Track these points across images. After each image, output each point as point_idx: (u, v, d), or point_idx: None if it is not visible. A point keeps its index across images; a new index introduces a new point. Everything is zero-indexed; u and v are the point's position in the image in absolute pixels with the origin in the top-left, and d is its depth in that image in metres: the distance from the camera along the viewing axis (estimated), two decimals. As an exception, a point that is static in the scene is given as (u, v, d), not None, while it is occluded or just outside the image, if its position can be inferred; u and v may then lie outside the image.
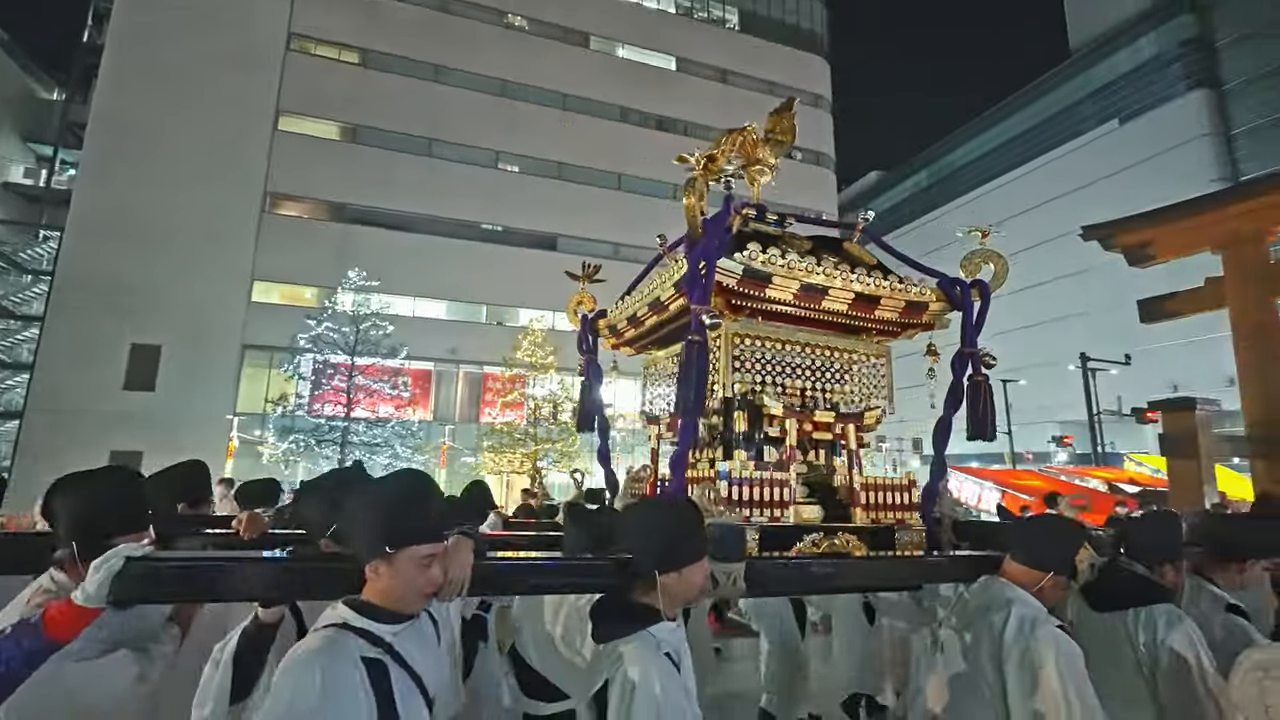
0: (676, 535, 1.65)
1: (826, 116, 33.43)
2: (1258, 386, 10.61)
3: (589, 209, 27.19)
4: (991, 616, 1.90)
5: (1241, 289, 10.80)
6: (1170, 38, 40.40)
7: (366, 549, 1.35)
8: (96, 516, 1.50)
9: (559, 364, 21.26)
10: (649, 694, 1.42)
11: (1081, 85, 45.48)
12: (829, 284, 2.51)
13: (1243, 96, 37.54)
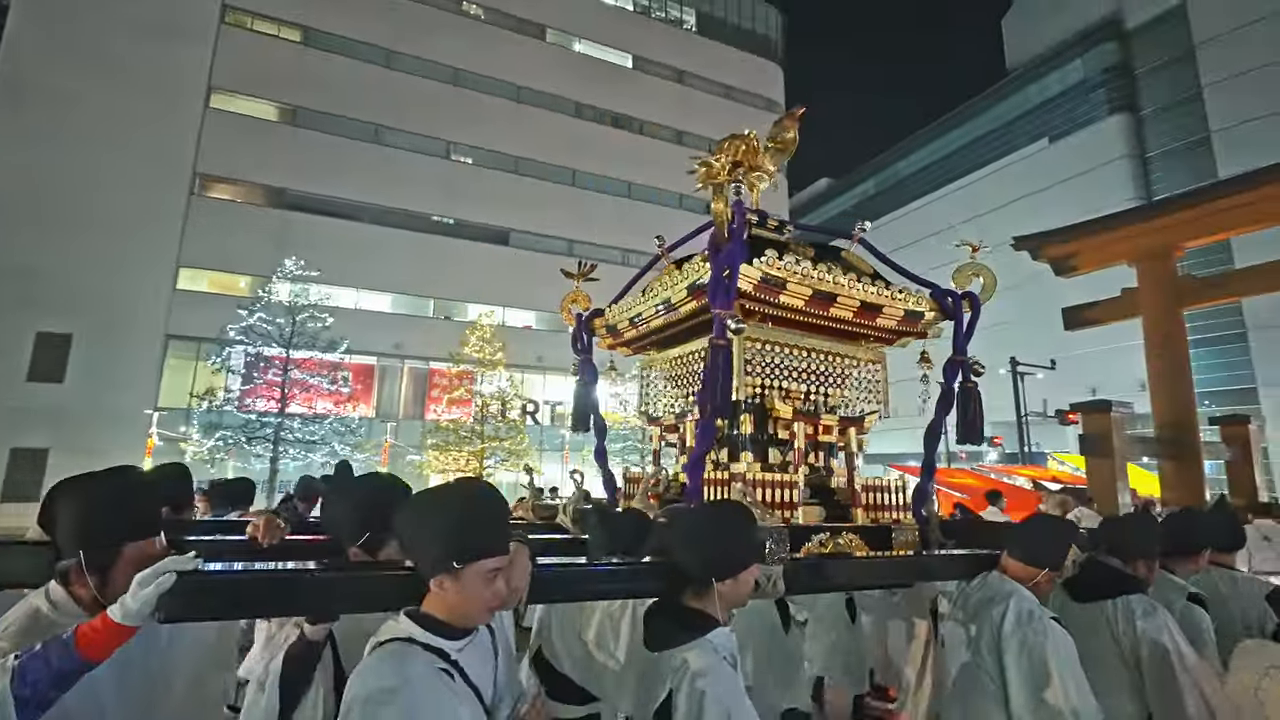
0: (733, 542, 1.66)
1: (779, 122, 34.10)
2: (1166, 391, 11.40)
3: (543, 204, 26.82)
4: (992, 610, 2.03)
5: (1153, 300, 11.58)
6: (1095, 64, 43.07)
7: (432, 564, 1.29)
8: (107, 521, 1.36)
9: (508, 360, 20.88)
10: (721, 699, 1.42)
11: (1017, 104, 47.95)
12: (837, 292, 2.58)
13: (1158, 122, 40.40)
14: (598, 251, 27.60)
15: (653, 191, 29.40)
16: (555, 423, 25.43)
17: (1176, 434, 10.94)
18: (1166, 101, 39.96)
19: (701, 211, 14.78)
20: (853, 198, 63.99)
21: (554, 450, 23.88)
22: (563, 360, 17.99)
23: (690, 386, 2.91)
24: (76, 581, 1.33)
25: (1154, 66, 40.83)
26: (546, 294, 27.00)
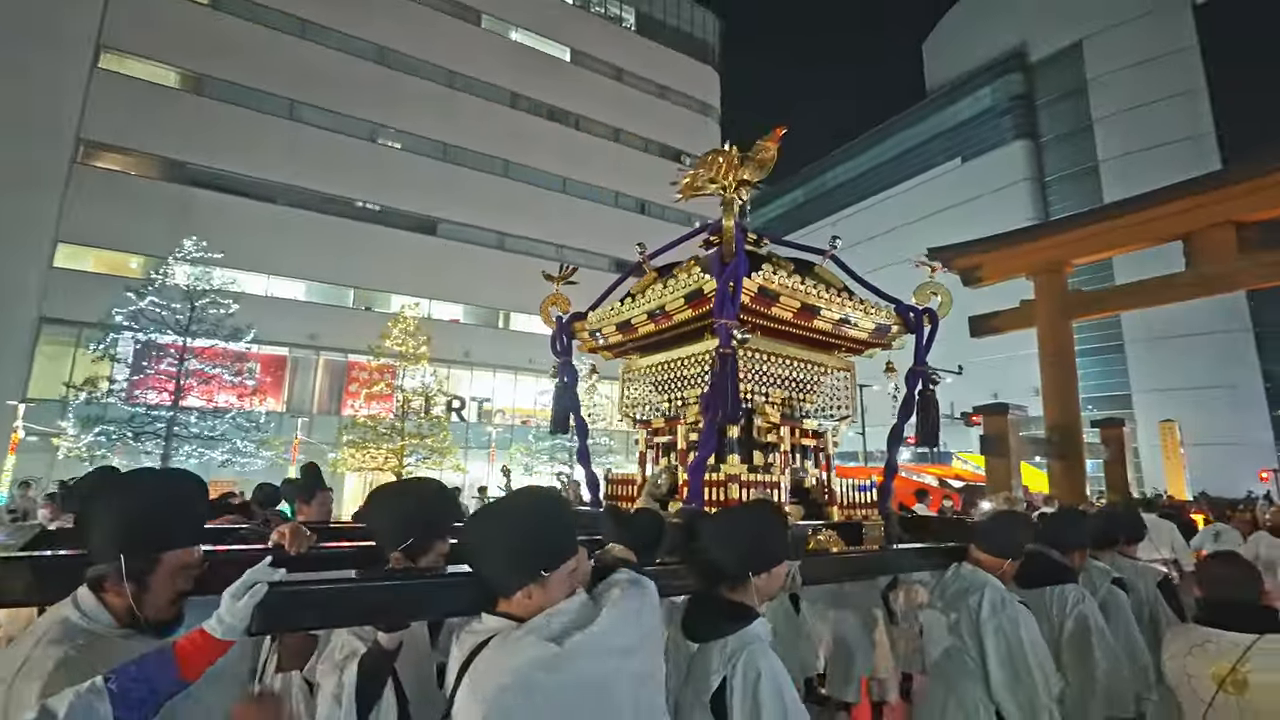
0: (770, 538, 1.80)
1: (715, 126, 34.58)
2: (1056, 396, 12.39)
3: (474, 194, 26.01)
4: (969, 598, 2.27)
5: (1046, 311, 12.56)
6: (1003, 92, 46.42)
7: (521, 575, 1.33)
8: (152, 526, 1.30)
9: (433, 354, 20.10)
10: (774, 680, 1.55)
11: (934, 125, 50.98)
12: (821, 305, 2.77)
13: (1055, 149, 44.04)
14: (530, 246, 27.10)
15: (589, 188, 29.16)
16: (482, 420, 24.75)
17: (1064, 436, 11.87)
18: (1063, 131, 43.62)
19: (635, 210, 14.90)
20: (783, 205, 66.04)
21: (480, 448, 23.22)
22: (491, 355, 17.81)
23: (678, 391, 3.03)
24: (112, 589, 1.25)
25: (1053, 98, 44.47)
26: (476, 286, 26.38)
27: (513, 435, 24.21)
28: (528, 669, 1.19)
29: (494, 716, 1.16)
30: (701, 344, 2.84)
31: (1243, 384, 35.91)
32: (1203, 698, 1.93)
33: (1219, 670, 1.89)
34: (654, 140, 31.90)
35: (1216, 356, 36.22)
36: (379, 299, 23.68)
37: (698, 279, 2.59)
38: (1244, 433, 34.89)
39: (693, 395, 2.92)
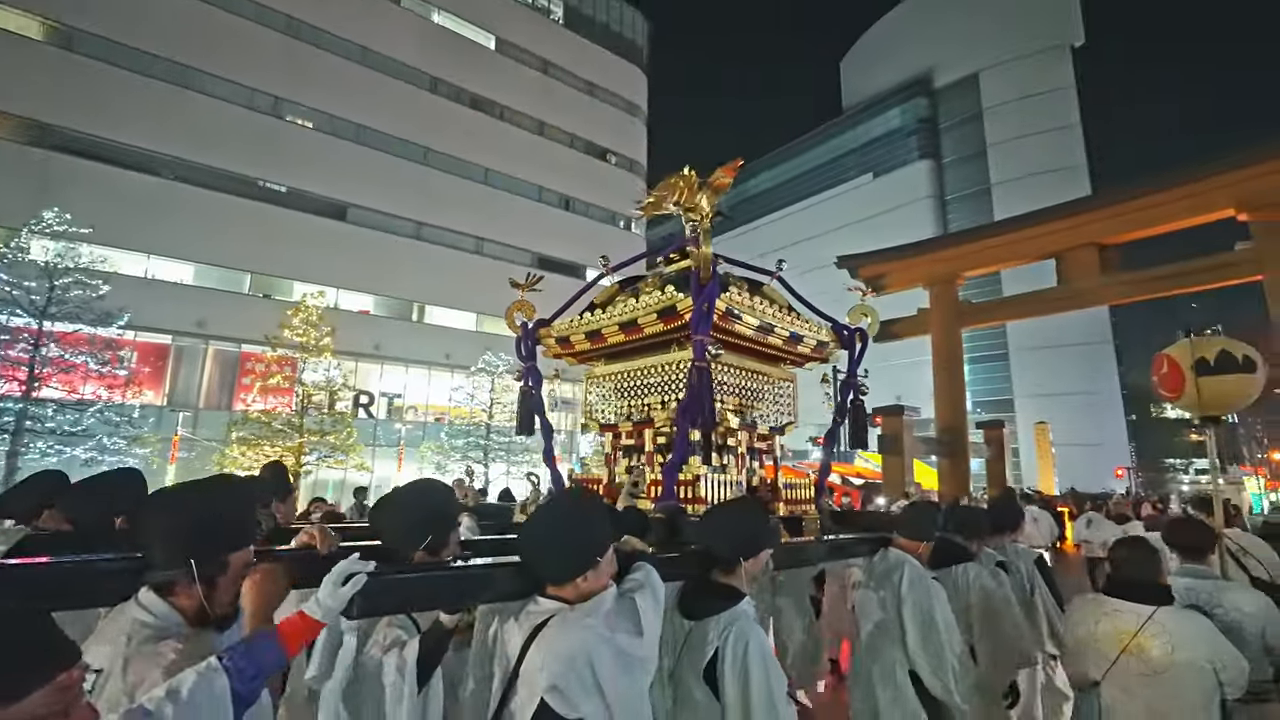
0: (758, 529, 2.04)
1: (641, 126, 34.76)
2: (946, 400, 13.33)
3: (389, 180, 24.77)
4: (893, 577, 2.64)
5: (940, 320, 13.50)
6: (910, 114, 49.64)
7: (579, 566, 1.58)
8: (216, 532, 1.38)
9: (339, 347, 18.97)
10: (760, 649, 1.80)
11: (848, 140, 53.74)
12: (775, 323, 3.13)
13: (954, 170, 47.54)
14: (449, 237, 26.15)
15: (512, 180, 28.49)
16: (392, 416, 23.63)
17: (952, 436, 12.76)
18: (962, 154, 47.17)
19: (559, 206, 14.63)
20: (708, 209, 67.37)
21: (388, 446, 22.15)
22: (403, 349, 16.99)
23: (642, 397, 3.26)
24: (182, 592, 1.33)
25: (954, 123, 48.01)
26: (389, 276, 25.12)
27: (425, 433, 23.26)
28: (596, 643, 1.49)
29: (568, 677, 1.45)
30: (667, 354, 3.12)
31: (1104, 391, 40.18)
32: (1108, 657, 2.23)
33: (1123, 636, 2.20)
34: (580, 137, 31.64)
35: (1083, 366, 40.32)
36: (280, 286, 22.05)
37: (671, 296, 2.80)
38: (1104, 434, 39.06)
39: (656, 401, 3.17)
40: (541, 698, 1.46)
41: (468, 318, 26.35)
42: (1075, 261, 11.64)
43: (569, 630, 1.51)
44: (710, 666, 1.81)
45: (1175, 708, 2.09)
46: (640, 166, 34.29)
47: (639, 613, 1.60)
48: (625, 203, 33.21)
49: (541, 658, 1.49)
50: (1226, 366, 3.39)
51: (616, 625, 1.55)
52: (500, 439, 21.72)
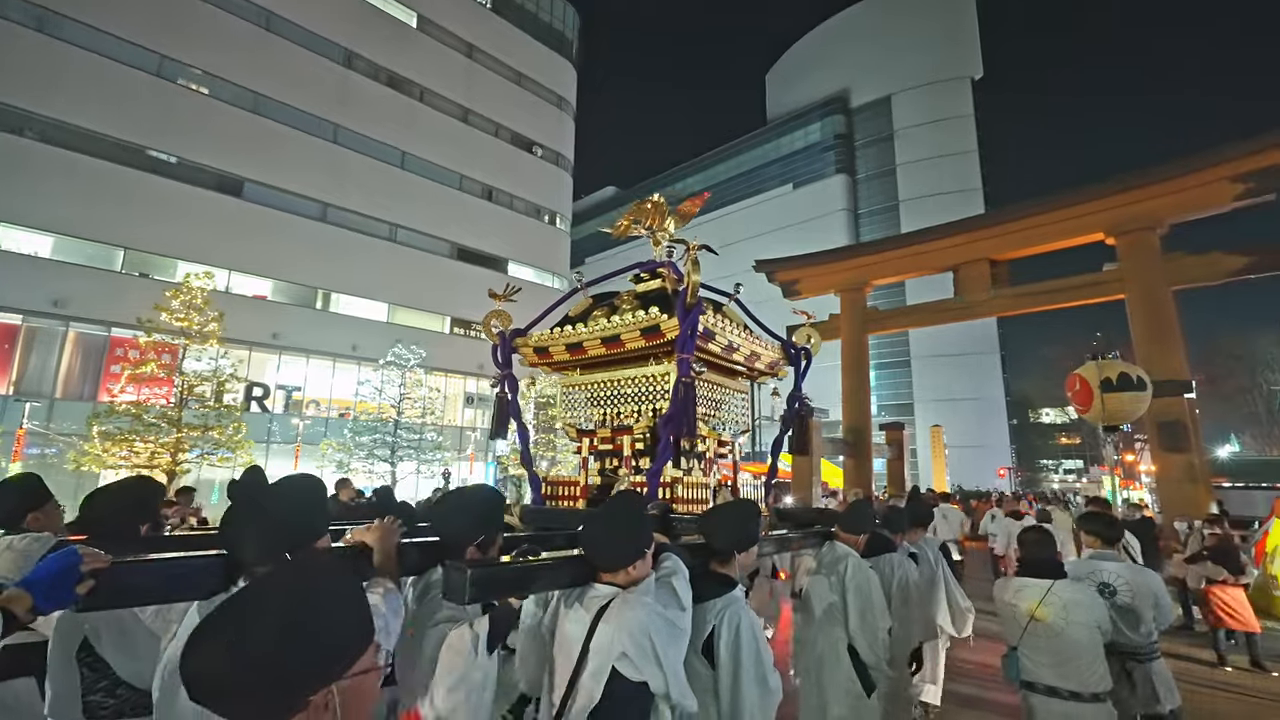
0: (752, 525, 2.34)
1: (569, 121, 34.29)
2: (852, 402, 13.93)
3: (294, 158, 23.01)
4: (839, 565, 3.07)
5: (849, 325, 14.10)
6: (829, 130, 51.99)
7: (635, 552, 1.92)
8: (311, 522, 1.63)
9: (231, 334, 17.36)
10: (751, 629, 2.07)
11: (771, 151, 55.57)
12: (740, 343, 3.46)
13: (867, 185, 50.23)
14: (360, 221, 24.65)
15: (431, 166, 27.26)
16: (290, 410, 21.95)
17: (857, 437, 13.31)
18: (874, 171, 49.92)
19: (481, 196, 14.14)
20: (635, 209, 67.73)
21: (284, 443, 20.56)
22: (305, 339, 15.91)
23: (617, 406, 3.50)
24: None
25: (868, 141, 50.73)
26: (290, 260, 23.32)
27: (327, 428, 21.77)
28: (654, 618, 1.78)
29: (634, 647, 1.73)
30: (645, 368, 3.40)
31: (990, 397, 43.72)
32: (1021, 622, 2.93)
33: (1032, 604, 2.89)
34: (506, 126, 30.76)
35: (973, 373, 43.70)
36: (160, 264, 19.91)
37: (655, 316, 3.09)
38: (989, 437, 42.50)
39: (632, 410, 3.44)
40: (613, 665, 1.74)
41: (378, 308, 24.95)
42: (970, 275, 12.47)
43: (633, 608, 1.79)
44: (708, 643, 2.10)
45: (1073, 657, 2.79)
46: (567, 161, 33.82)
47: (678, 593, 1.94)
48: (551, 196, 32.65)
49: (612, 631, 1.77)
50: (1125, 385, 4.18)
51: (666, 603, 1.88)
52: (410, 436, 20.67)
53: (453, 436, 26.45)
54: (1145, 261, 10.42)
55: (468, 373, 27.57)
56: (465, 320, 27.83)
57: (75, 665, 1.81)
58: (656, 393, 3.33)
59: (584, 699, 1.77)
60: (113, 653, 1.82)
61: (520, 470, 26.16)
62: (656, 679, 1.76)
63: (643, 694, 1.78)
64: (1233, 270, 9.77)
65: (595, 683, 1.76)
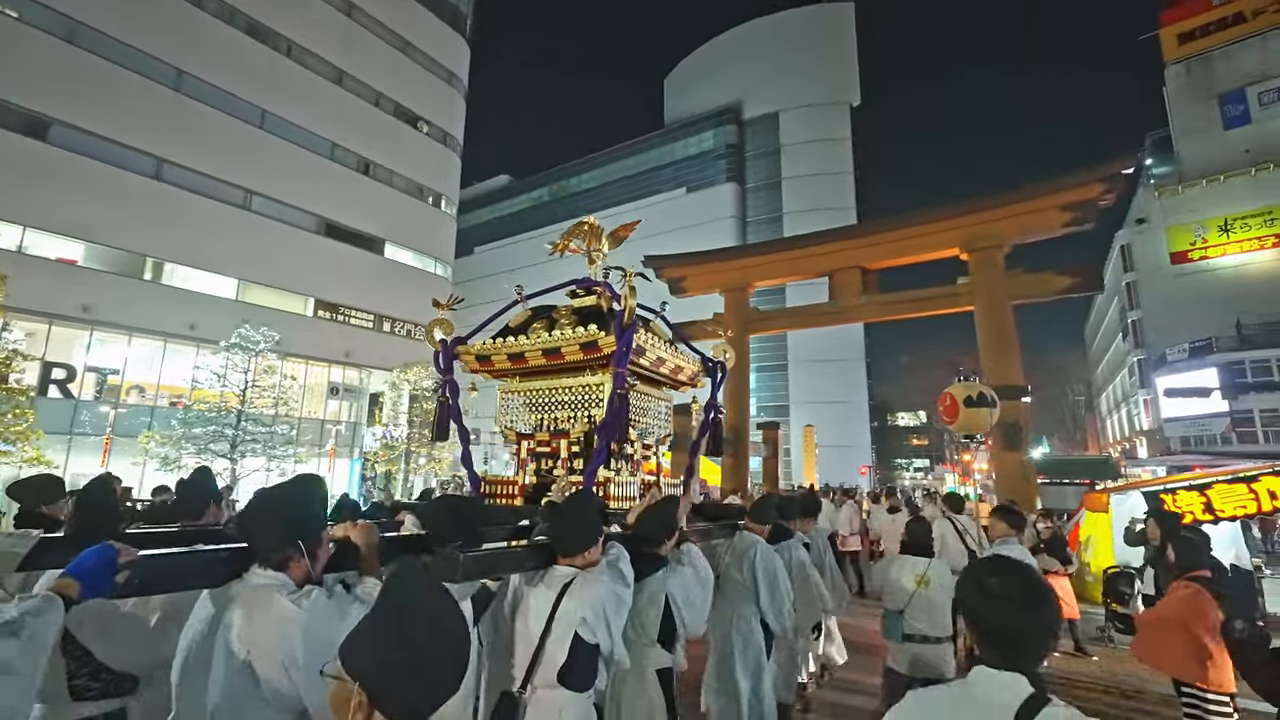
0: (674, 518, 2.87)
1: (460, 99, 32.48)
2: (734, 402, 14.14)
3: (120, 99, 19.65)
4: (749, 552, 3.51)
5: (731, 324, 14.31)
6: (721, 139, 53.72)
7: (593, 539, 2.38)
8: (316, 516, 1.82)
9: (23, 304, 14.37)
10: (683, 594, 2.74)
11: (667, 153, 56.45)
12: (668, 357, 3.82)
13: (755, 195, 52.46)
14: (205, 183, 21.60)
15: (297, 130, 24.53)
16: (103, 397, 18.72)
17: (737, 436, 13.48)
18: (761, 182, 52.26)
19: (357, 169, 12.92)
20: (530, 200, 65.98)
21: (91, 435, 17.47)
22: (128, 314, 13.68)
23: (553, 412, 3.80)
24: (294, 564, 1.71)
25: (757, 153, 53.00)
26: (110, 220, 19.89)
27: (153, 418, 18.82)
28: (608, 593, 2.24)
29: (593, 615, 2.18)
30: (581, 378, 3.69)
31: (855, 401, 47.30)
32: (907, 591, 3.78)
33: (917, 577, 3.78)
34: (388, 97, 28.47)
35: (842, 378, 47.05)
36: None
37: (594, 333, 3.40)
38: (853, 438, 45.95)
39: (567, 416, 3.74)
40: (575, 630, 2.15)
41: (225, 283, 22.01)
42: (844, 281, 13.07)
43: (593, 585, 2.21)
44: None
45: (939, 615, 3.76)
46: (456, 141, 31.98)
47: (623, 573, 2.33)
48: (437, 177, 30.69)
49: (575, 604, 2.17)
50: (979, 402, 5.43)
51: (616, 580, 2.27)
52: (257, 429, 18.34)
53: (312, 430, 23.99)
54: (991, 277, 11.42)
55: (333, 361, 25.17)
56: (332, 303, 25.38)
57: (60, 655, 1.89)
58: (591, 401, 3.68)
59: (550, 658, 2.17)
60: (94, 641, 1.93)
61: (388, 466, 24.32)
62: (605, 641, 2.20)
63: (594, 652, 2.20)
64: (1061, 289, 10.97)
65: (561, 645, 2.16)
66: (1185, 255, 35.40)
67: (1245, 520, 7.19)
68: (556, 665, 2.14)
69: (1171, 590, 3.10)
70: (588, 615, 2.14)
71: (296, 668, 1.50)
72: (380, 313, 27.18)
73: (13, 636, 1.25)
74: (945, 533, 6.05)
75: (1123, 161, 10.91)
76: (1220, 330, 31.22)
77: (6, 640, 1.24)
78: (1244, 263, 33.74)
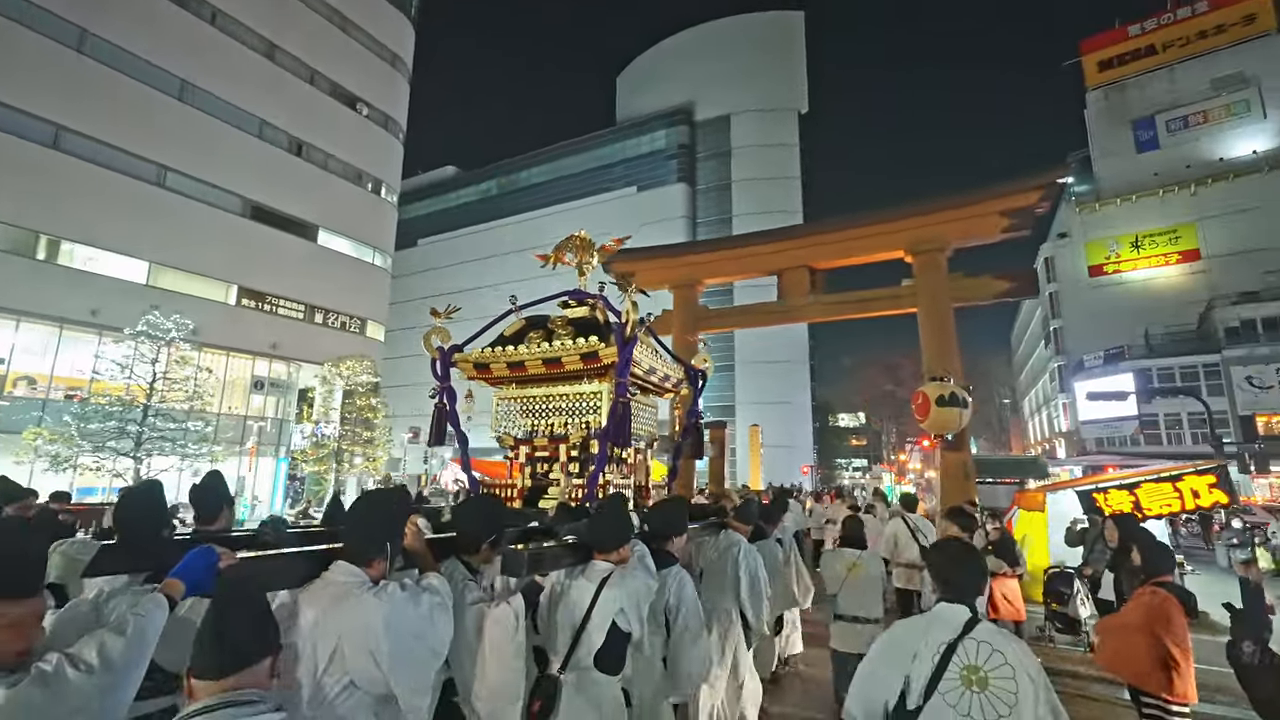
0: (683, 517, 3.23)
1: (403, 82, 31.11)
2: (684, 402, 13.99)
3: (17, 61, 17.67)
4: (732, 549, 3.81)
5: (680, 321, 14.05)
6: (673, 139, 53.77)
7: (627, 538, 2.65)
8: (399, 523, 2.09)
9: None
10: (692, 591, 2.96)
11: (619, 151, 56.06)
12: (658, 366, 4.37)
13: (705, 196, 52.78)
14: (114, 157, 19.76)
15: (222, 105, 22.80)
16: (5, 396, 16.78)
17: (683, 433, 13.19)
18: (712, 184, 52.61)
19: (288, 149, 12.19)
20: (477, 193, 64.20)
21: None
22: (13, 297, 12.30)
23: (550, 418, 4.07)
24: (375, 564, 1.91)
25: (708, 155, 53.32)
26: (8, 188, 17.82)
27: (44, 412, 17.00)
28: (642, 585, 2.53)
29: (629, 605, 2.43)
30: (579, 386, 3.92)
31: (798, 402, 48.25)
32: (841, 577, 4.46)
33: (848, 565, 4.45)
34: (325, 75, 26.92)
35: (787, 379, 47.91)
36: None
37: (594, 344, 3.74)
38: (796, 438, 46.84)
39: (563, 422, 3.95)
40: (613, 619, 2.39)
41: (134, 266, 20.20)
42: (792, 281, 13.03)
43: (632, 578, 2.51)
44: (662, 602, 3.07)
45: (869, 593, 4.36)
46: (398, 126, 30.60)
47: (650, 567, 2.69)
48: (377, 163, 29.26)
49: (615, 594, 2.42)
50: (951, 402, 5.96)
51: (647, 574, 2.63)
52: (166, 425, 16.82)
53: (233, 427, 22.37)
54: (934, 279, 11.58)
55: (258, 353, 23.55)
56: (258, 291, 23.74)
57: None
58: (587, 407, 3.89)
59: (588, 644, 2.37)
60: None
61: (317, 466, 22.93)
62: (636, 629, 2.48)
63: (626, 640, 2.44)
64: (999, 293, 11.24)
65: (599, 632, 2.36)
66: (1101, 269, 37.84)
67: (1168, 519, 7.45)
68: (594, 650, 2.35)
69: (1137, 596, 2.96)
70: (625, 605, 2.40)
71: (383, 654, 1.70)
72: (312, 303, 25.64)
73: (120, 635, 1.38)
74: (898, 531, 6.17)
75: (1058, 171, 11.27)
76: (1132, 339, 33.50)
77: (115, 638, 1.37)
78: (1152, 277, 36.35)
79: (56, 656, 1.31)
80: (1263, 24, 36.18)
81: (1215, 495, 6.91)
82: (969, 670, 1.85)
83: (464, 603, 2.20)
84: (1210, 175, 35.26)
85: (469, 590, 2.27)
